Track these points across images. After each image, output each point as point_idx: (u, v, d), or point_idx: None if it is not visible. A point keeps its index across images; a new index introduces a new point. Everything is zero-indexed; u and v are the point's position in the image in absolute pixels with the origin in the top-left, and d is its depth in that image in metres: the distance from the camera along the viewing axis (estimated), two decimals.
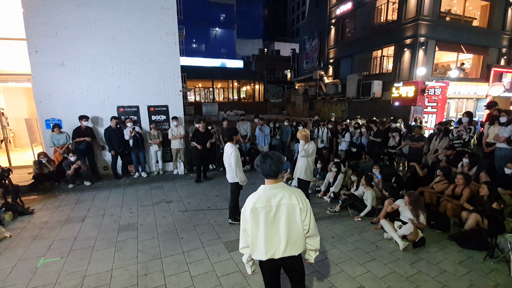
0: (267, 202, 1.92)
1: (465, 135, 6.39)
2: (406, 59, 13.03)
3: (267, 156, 1.97)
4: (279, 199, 1.93)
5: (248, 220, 1.95)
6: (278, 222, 1.94)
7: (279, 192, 1.96)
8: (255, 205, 1.92)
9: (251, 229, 1.96)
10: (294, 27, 44.20)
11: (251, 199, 1.98)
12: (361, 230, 4.38)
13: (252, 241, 1.98)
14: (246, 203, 2.00)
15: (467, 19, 13.76)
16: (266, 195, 1.95)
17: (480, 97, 13.97)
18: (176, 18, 7.45)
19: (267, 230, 1.93)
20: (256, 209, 1.92)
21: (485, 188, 4.10)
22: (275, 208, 1.92)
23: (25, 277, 3.19)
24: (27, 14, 6.24)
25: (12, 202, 5.10)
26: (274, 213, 1.93)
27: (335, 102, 17.67)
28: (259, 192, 1.99)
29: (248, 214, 1.95)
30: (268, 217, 1.92)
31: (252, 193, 2.02)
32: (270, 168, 1.94)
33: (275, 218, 1.93)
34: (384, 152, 7.39)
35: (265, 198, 1.93)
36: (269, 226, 1.93)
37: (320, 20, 20.16)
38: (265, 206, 1.92)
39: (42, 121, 6.70)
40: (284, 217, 1.93)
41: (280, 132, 8.65)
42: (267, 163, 1.94)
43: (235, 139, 4.39)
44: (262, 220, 1.92)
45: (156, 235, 4.21)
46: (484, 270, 3.30)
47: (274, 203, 1.92)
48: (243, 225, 2.02)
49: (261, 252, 1.95)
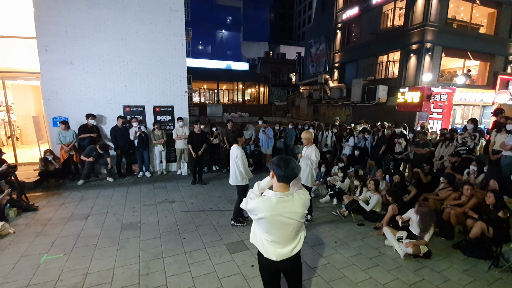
0: (278, 210, 1.86)
1: (469, 142, 6.32)
2: (412, 64, 12.99)
3: (288, 160, 1.88)
4: (290, 208, 1.89)
5: (258, 224, 1.98)
6: (287, 227, 1.93)
7: (292, 200, 1.90)
8: (265, 215, 1.86)
9: (260, 232, 2.02)
10: (300, 31, 44.35)
11: (261, 206, 1.88)
12: (364, 235, 4.34)
13: (260, 242, 2.03)
14: (255, 207, 1.89)
15: (474, 26, 13.70)
16: (279, 204, 1.87)
17: (486, 104, 13.85)
18: (183, 20, 7.52)
19: (276, 234, 1.94)
20: (267, 217, 1.87)
21: (491, 197, 4.05)
22: (287, 217, 1.89)
23: (27, 273, 3.22)
24: (38, 13, 6.35)
25: (18, 198, 5.16)
26: (287, 221, 1.90)
27: (340, 106, 17.64)
28: (271, 200, 1.88)
29: (259, 219, 1.91)
30: (278, 224, 1.91)
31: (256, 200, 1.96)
32: (293, 171, 1.86)
33: (287, 225, 1.92)
34: (390, 158, 7.34)
35: (276, 209, 1.86)
36: (280, 231, 1.93)
37: (326, 24, 20.21)
38: (276, 215, 1.87)
39: (49, 118, 6.78)
40: (295, 223, 1.93)
41: (284, 135, 8.65)
42: (290, 165, 1.84)
43: (240, 141, 4.40)
44: (272, 227, 1.92)
45: (158, 234, 4.22)
46: (489, 280, 3.25)
47: (285, 213, 1.88)
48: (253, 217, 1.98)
49: (268, 251, 2.00)
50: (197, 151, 6.70)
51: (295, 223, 1.93)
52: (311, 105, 21.72)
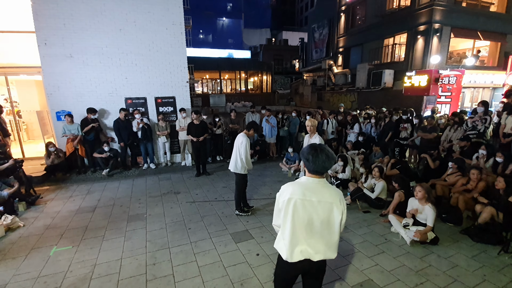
0: (306, 196, 1.72)
1: (480, 126, 6.14)
2: (419, 47, 12.56)
3: (320, 151, 1.71)
4: (321, 196, 1.73)
5: (282, 211, 1.79)
6: (317, 220, 1.74)
7: (322, 188, 1.76)
8: (292, 196, 1.73)
9: (283, 222, 1.79)
10: (303, 16, 43.14)
11: (288, 188, 1.78)
12: (369, 222, 4.32)
13: (282, 235, 1.82)
14: (284, 190, 1.80)
15: (484, 4, 13.08)
16: (307, 187, 1.75)
17: (497, 86, 13.41)
18: (182, 7, 7.34)
19: (300, 226, 1.75)
20: (291, 200, 1.73)
21: (501, 181, 3.95)
22: (316, 204, 1.72)
23: (38, 265, 3.29)
24: (35, 6, 6.26)
25: (26, 193, 5.25)
26: (313, 209, 1.73)
27: (344, 92, 17.32)
28: (299, 182, 1.79)
29: (282, 204, 1.78)
30: (303, 211, 1.73)
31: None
32: (323, 165, 1.71)
33: (313, 214, 1.73)
34: (395, 144, 7.22)
35: (304, 191, 1.73)
36: (304, 222, 1.74)
37: (329, 8, 19.57)
38: (302, 199, 1.72)
39: (52, 113, 6.80)
40: (324, 216, 1.74)
41: (288, 123, 8.55)
42: (320, 158, 1.69)
43: (250, 133, 4.35)
44: (297, 214, 1.73)
45: (164, 225, 4.26)
46: (498, 265, 3.20)
47: (315, 199, 1.72)
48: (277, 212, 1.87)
49: (291, 251, 1.78)
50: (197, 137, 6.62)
51: (325, 217, 1.74)
52: (315, 92, 21.38)
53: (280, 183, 1.82)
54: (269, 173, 6.77)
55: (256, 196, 5.30)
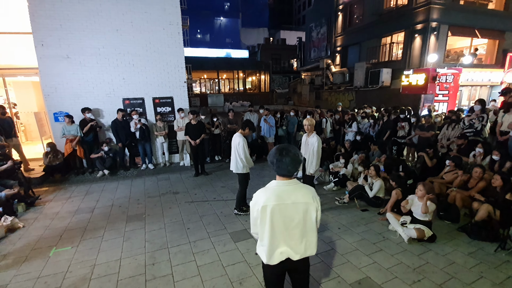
0: (280, 200, 1.74)
1: (477, 124, 6.18)
2: (417, 45, 12.60)
3: (284, 154, 1.73)
4: (295, 197, 1.76)
5: (258, 219, 1.78)
6: (294, 221, 1.77)
7: (294, 189, 1.79)
8: (266, 203, 1.73)
9: (260, 229, 1.80)
10: (300, 15, 43.12)
11: (261, 196, 1.78)
12: (368, 221, 4.34)
13: (261, 242, 1.84)
14: (257, 199, 1.79)
15: (482, 1, 13.12)
16: (279, 192, 1.76)
17: (494, 84, 13.46)
18: (179, 7, 7.33)
19: (278, 230, 1.77)
20: (266, 207, 1.73)
21: (498, 179, 3.97)
22: (291, 207, 1.75)
23: (38, 265, 3.30)
24: (32, 7, 6.24)
25: (25, 194, 5.25)
26: (289, 212, 1.75)
27: (342, 91, 17.35)
28: (270, 188, 1.80)
29: (257, 212, 1.77)
30: (279, 216, 1.74)
31: (262, 187, 1.86)
32: (287, 168, 1.74)
33: (290, 217, 1.76)
34: (392, 142, 7.25)
35: (277, 196, 1.75)
36: (281, 226, 1.77)
37: (327, 7, 19.59)
38: (277, 204, 1.73)
39: (50, 114, 6.79)
40: (300, 217, 1.77)
41: (286, 123, 8.56)
42: (284, 162, 1.72)
43: (246, 132, 4.35)
44: (275, 219, 1.75)
45: (163, 225, 4.27)
46: (495, 262, 3.23)
47: (289, 201, 1.75)
48: (253, 220, 1.85)
49: (270, 254, 1.81)
50: (195, 140, 6.61)
51: (301, 217, 1.77)
52: (313, 91, 21.41)
53: None
54: (268, 173, 6.78)
55: None
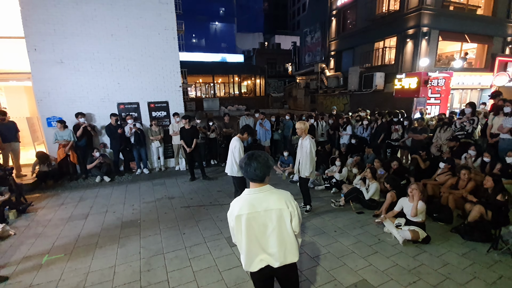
0: (252, 208, 1.73)
1: (468, 126, 6.30)
2: (409, 50, 12.84)
3: (253, 158, 1.76)
4: (267, 204, 1.75)
5: (234, 228, 1.80)
6: (268, 229, 1.77)
7: (265, 196, 1.77)
8: (240, 212, 1.73)
9: (237, 238, 1.81)
10: (295, 20, 43.62)
11: (235, 205, 1.79)
12: (363, 223, 4.36)
13: (240, 250, 1.84)
14: (232, 209, 1.80)
15: (471, 7, 13.47)
16: (251, 200, 1.76)
17: (484, 88, 13.76)
18: (174, 13, 7.37)
19: (255, 238, 1.77)
20: (241, 216, 1.73)
21: (489, 181, 4.05)
22: (263, 214, 1.74)
23: (29, 274, 3.23)
24: (24, 12, 6.20)
25: (16, 201, 5.15)
26: (262, 219, 1.75)
27: (337, 95, 17.52)
28: (243, 197, 1.80)
29: (233, 222, 1.78)
30: (254, 224, 1.74)
31: (233, 200, 1.85)
32: (254, 172, 1.74)
33: (263, 225, 1.76)
34: (386, 145, 7.33)
35: (249, 204, 1.74)
36: (257, 234, 1.76)
37: (321, 12, 19.87)
38: (250, 213, 1.73)
39: (43, 119, 6.71)
40: (274, 224, 1.76)
41: (282, 127, 8.60)
42: (252, 166, 1.73)
43: (244, 136, 4.39)
44: (250, 228, 1.75)
45: (158, 231, 4.23)
46: (488, 262, 3.28)
47: (261, 209, 1.74)
48: (231, 230, 1.87)
49: (249, 262, 1.82)
50: (189, 147, 6.59)
51: (276, 224, 1.76)
52: (308, 95, 21.57)
53: (275, 186, 1.83)
54: None
55: None
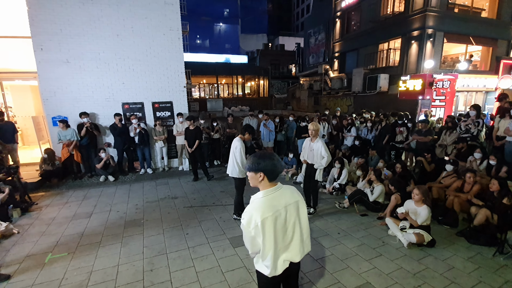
0: (274, 208, 1.72)
1: (473, 129, 6.24)
2: (414, 51, 12.76)
3: (274, 157, 1.77)
4: (285, 200, 1.77)
5: (255, 236, 1.71)
6: (288, 224, 1.78)
7: (282, 193, 1.79)
8: (263, 216, 1.67)
9: (258, 244, 1.74)
10: (299, 21, 43.65)
11: (254, 212, 1.70)
12: (367, 225, 4.33)
13: (264, 256, 1.77)
14: (250, 217, 1.69)
15: (476, 10, 13.39)
16: (270, 201, 1.74)
17: (489, 90, 13.65)
18: (179, 13, 7.41)
19: (279, 238, 1.76)
20: (265, 220, 1.67)
21: (495, 184, 4.00)
22: (284, 211, 1.75)
23: (32, 273, 3.24)
24: (31, 11, 6.26)
25: (21, 199, 5.19)
26: (283, 216, 1.75)
27: (341, 96, 17.48)
28: (260, 200, 1.75)
29: (254, 230, 1.69)
30: (278, 223, 1.73)
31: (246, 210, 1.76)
32: (281, 168, 1.80)
33: (286, 221, 1.77)
34: (390, 147, 7.28)
35: (270, 205, 1.72)
36: (281, 233, 1.76)
37: (325, 14, 19.84)
38: (273, 213, 1.70)
39: (48, 118, 6.76)
40: (294, 217, 1.80)
41: (286, 128, 8.59)
42: (278, 164, 1.76)
43: (246, 136, 4.37)
44: (275, 229, 1.72)
45: (161, 231, 4.23)
46: (494, 267, 3.23)
47: (281, 207, 1.74)
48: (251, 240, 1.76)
49: (275, 266, 1.78)
50: (191, 147, 6.59)
51: (295, 217, 1.81)
52: (312, 96, 21.54)
53: None
54: None
55: None
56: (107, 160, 6.68)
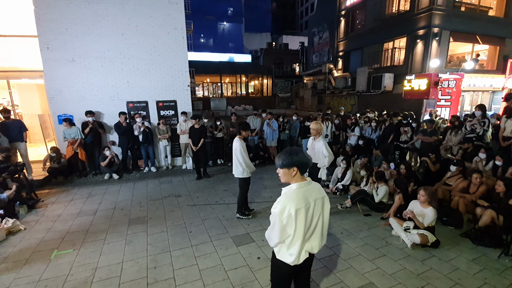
0: (306, 200, 1.84)
1: (478, 129, 6.17)
2: (419, 50, 12.63)
3: (299, 150, 1.88)
4: (315, 195, 1.90)
5: (287, 224, 1.80)
6: (314, 218, 1.90)
7: (312, 187, 1.92)
8: (298, 206, 1.78)
9: (294, 233, 1.83)
10: (303, 20, 43.42)
11: (288, 202, 1.79)
12: (370, 225, 4.32)
13: (291, 245, 1.87)
14: (284, 206, 1.78)
15: (483, 8, 13.17)
16: (304, 193, 1.85)
17: (496, 90, 13.45)
18: (183, 12, 7.42)
19: (307, 229, 1.87)
20: (299, 210, 1.78)
21: (501, 185, 3.96)
22: (313, 205, 1.87)
23: (39, 268, 3.30)
24: (38, 11, 6.33)
25: (27, 196, 5.26)
26: (312, 209, 1.87)
27: (345, 96, 17.37)
28: (295, 191, 1.84)
29: (287, 218, 1.78)
30: (308, 215, 1.85)
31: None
32: (310, 161, 1.91)
33: (313, 214, 1.89)
34: (395, 147, 7.23)
35: (303, 197, 1.83)
36: (308, 224, 1.87)
37: (329, 12, 19.71)
38: (306, 205, 1.82)
39: (54, 116, 6.84)
40: (319, 211, 1.93)
41: (289, 127, 8.58)
42: (305, 155, 1.87)
43: (244, 134, 4.38)
44: (305, 219, 1.82)
45: (165, 228, 4.26)
46: (499, 268, 3.20)
47: (311, 200, 1.86)
48: (282, 228, 1.83)
49: (299, 255, 1.89)
50: (196, 146, 6.63)
51: (320, 211, 1.93)
52: (316, 95, 21.44)
53: (281, 186, 1.83)
54: (270, 177, 6.76)
55: (257, 199, 5.31)
56: (111, 158, 6.74)
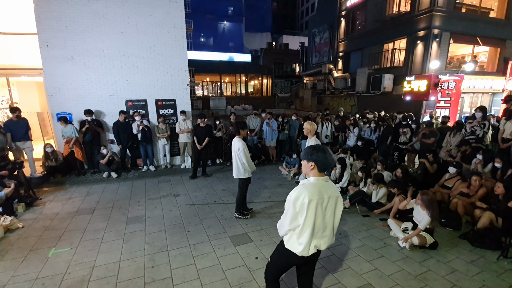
0: (320, 195, 1.91)
1: (478, 131, 6.16)
2: (419, 52, 12.64)
3: (326, 150, 1.94)
4: (330, 192, 1.96)
5: (298, 213, 1.90)
6: (326, 214, 1.96)
7: (328, 185, 1.98)
8: (311, 197, 1.87)
9: (304, 223, 1.92)
10: (303, 20, 43.42)
11: (304, 191, 1.89)
12: (369, 226, 4.31)
13: (300, 234, 1.96)
14: (298, 194, 1.89)
15: (484, 10, 13.20)
16: (320, 187, 1.93)
17: (496, 92, 13.46)
18: (183, 11, 7.40)
19: (317, 223, 1.94)
20: (311, 201, 1.88)
21: (500, 187, 3.95)
22: (327, 201, 1.94)
23: (36, 266, 3.28)
24: (38, 8, 6.31)
25: (25, 194, 5.24)
26: (325, 205, 1.94)
27: (344, 96, 17.38)
28: (312, 184, 1.93)
29: (299, 207, 1.89)
30: (319, 209, 1.92)
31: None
32: (333, 162, 1.96)
33: (325, 210, 1.95)
34: (394, 148, 7.23)
35: (318, 191, 1.91)
36: (319, 218, 1.94)
37: (330, 13, 19.72)
38: (319, 199, 1.91)
39: (53, 114, 6.82)
40: (332, 209, 1.98)
41: (288, 127, 8.57)
42: (329, 156, 1.93)
43: (242, 133, 4.37)
44: (316, 213, 1.91)
45: (163, 228, 4.25)
46: (497, 271, 3.20)
47: (326, 196, 1.93)
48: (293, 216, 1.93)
49: (308, 246, 1.96)
50: (200, 144, 6.66)
51: (333, 210, 1.98)
52: (315, 96, 21.45)
53: (280, 186, 1.81)
54: (269, 177, 6.77)
55: (256, 199, 5.29)
56: (111, 156, 6.72)
